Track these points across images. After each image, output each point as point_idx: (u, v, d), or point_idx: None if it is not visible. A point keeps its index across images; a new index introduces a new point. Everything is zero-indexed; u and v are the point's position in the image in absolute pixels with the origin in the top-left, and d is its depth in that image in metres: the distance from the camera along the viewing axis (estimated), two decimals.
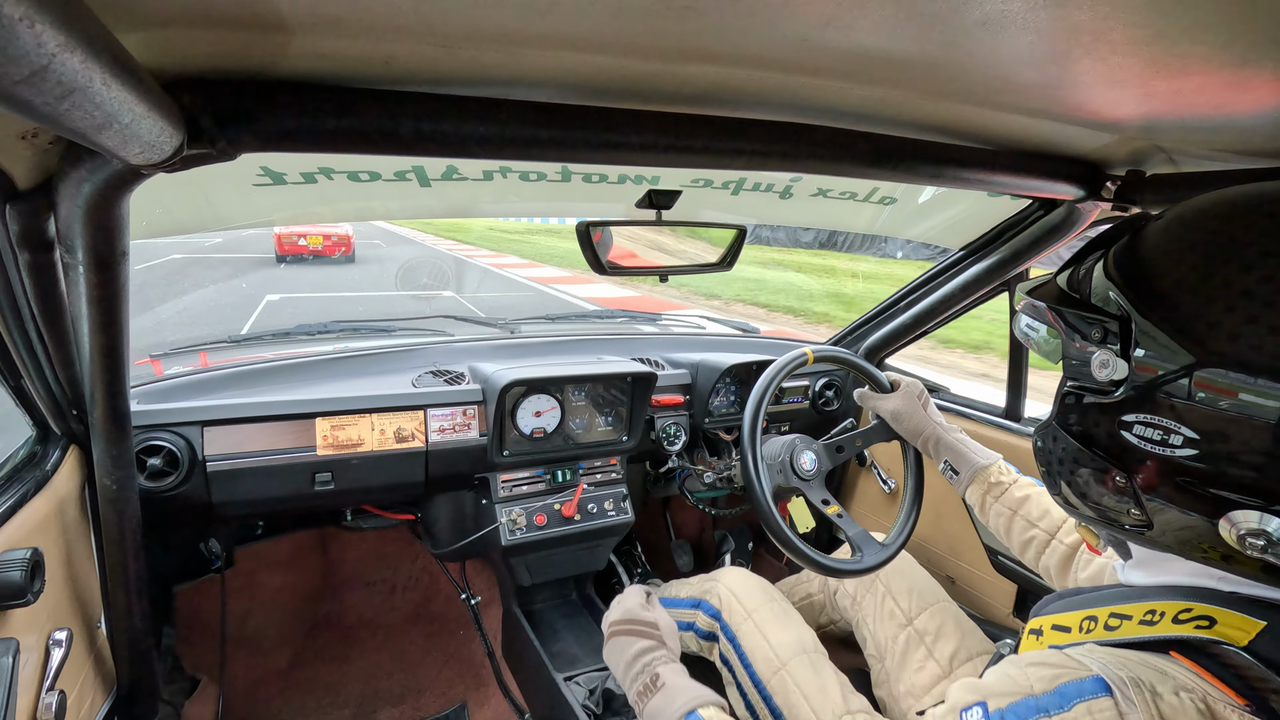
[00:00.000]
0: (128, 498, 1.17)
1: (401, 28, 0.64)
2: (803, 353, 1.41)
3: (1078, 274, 0.77)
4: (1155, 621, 0.67)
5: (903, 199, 1.67)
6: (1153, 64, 0.69)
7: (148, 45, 0.62)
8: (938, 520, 1.93)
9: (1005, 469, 1.29)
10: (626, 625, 1.15)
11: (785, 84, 0.84)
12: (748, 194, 1.54)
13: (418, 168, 1.26)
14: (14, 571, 0.90)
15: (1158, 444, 0.63)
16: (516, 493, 1.86)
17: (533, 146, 0.83)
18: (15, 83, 0.37)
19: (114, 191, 0.74)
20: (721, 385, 2.09)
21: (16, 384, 1.08)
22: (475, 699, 2.10)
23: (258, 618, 2.17)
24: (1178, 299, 0.63)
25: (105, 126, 0.49)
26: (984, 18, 0.60)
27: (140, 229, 1.14)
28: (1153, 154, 1.14)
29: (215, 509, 1.57)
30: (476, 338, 2.15)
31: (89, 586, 1.24)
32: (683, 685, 1.03)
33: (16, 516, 1.00)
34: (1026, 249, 1.60)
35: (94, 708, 1.22)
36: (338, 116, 0.74)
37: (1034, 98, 0.87)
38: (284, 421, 1.59)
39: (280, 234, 14.08)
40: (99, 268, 0.85)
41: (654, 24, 0.65)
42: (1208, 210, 0.66)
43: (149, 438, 1.47)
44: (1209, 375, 0.59)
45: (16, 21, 0.33)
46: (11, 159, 0.76)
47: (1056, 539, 1.17)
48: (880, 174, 1.06)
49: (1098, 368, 0.68)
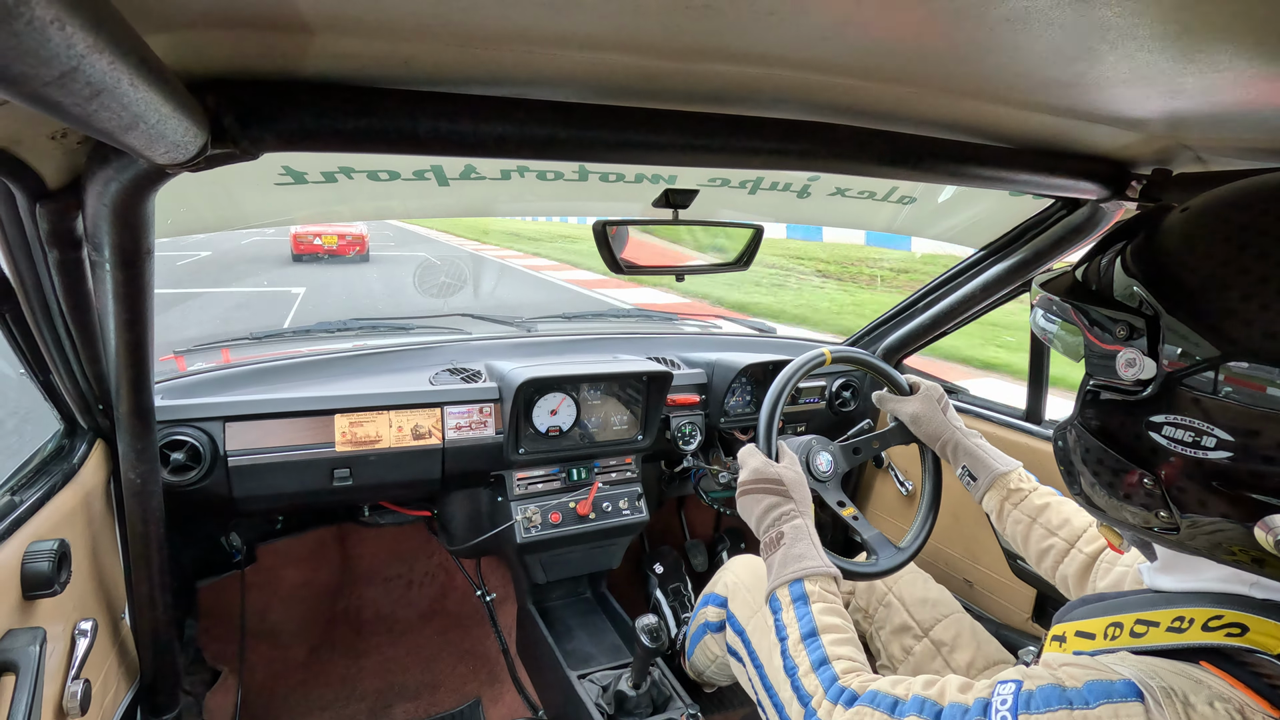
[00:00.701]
0: (152, 491, 1.19)
1: (421, 28, 0.65)
2: (820, 353, 1.40)
3: (1096, 267, 0.75)
4: (1184, 629, 0.65)
5: (922, 198, 1.65)
6: (1180, 60, 0.68)
7: (173, 47, 0.63)
8: (956, 524, 1.91)
9: (1025, 476, 1.27)
10: (753, 484, 1.17)
11: (803, 82, 0.84)
12: (765, 193, 1.54)
13: (436, 167, 1.26)
14: (42, 562, 0.92)
15: (1189, 445, 0.62)
16: (532, 490, 1.87)
17: (550, 146, 0.84)
18: (46, 84, 0.38)
19: (140, 190, 0.76)
20: (737, 385, 2.08)
21: (45, 379, 1.10)
22: (489, 695, 2.12)
23: (277, 612, 2.20)
24: (1206, 293, 0.61)
25: (132, 127, 0.50)
26: (1008, 14, 0.59)
27: (165, 227, 1.16)
28: (1180, 152, 1.12)
29: (236, 503, 1.59)
30: (493, 336, 2.17)
31: (114, 578, 1.26)
32: (798, 552, 1.06)
33: (44, 509, 1.02)
34: (1048, 249, 1.58)
35: (118, 697, 1.25)
36: (357, 116, 0.75)
37: (1057, 95, 0.86)
38: (303, 418, 1.61)
39: (296, 233, 14.22)
40: (125, 265, 0.86)
41: (672, 23, 0.64)
42: (1232, 200, 0.64)
43: (172, 433, 1.49)
44: (1241, 370, 0.58)
45: (48, 24, 0.34)
46: (42, 159, 0.78)
47: (1076, 548, 1.15)
48: (899, 173, 1.05)
49: (1123, 366, 0.66)
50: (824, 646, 0.93)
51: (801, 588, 1.01)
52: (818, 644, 0.93)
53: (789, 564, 1.05)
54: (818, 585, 1.02)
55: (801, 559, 1.05)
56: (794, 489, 1.16)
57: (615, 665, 1.75)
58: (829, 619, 0.97)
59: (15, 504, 0.98)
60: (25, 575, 0.91)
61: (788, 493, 1.15)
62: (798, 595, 1.01)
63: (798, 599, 1.01)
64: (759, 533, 1.14)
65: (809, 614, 0.98)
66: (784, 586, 1.03)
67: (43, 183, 0.81)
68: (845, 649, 0.93)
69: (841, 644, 0.94)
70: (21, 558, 0.92)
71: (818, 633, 0.95)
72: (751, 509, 1.16)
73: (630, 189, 1.43)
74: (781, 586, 1.03)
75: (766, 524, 1.12)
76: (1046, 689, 0.65)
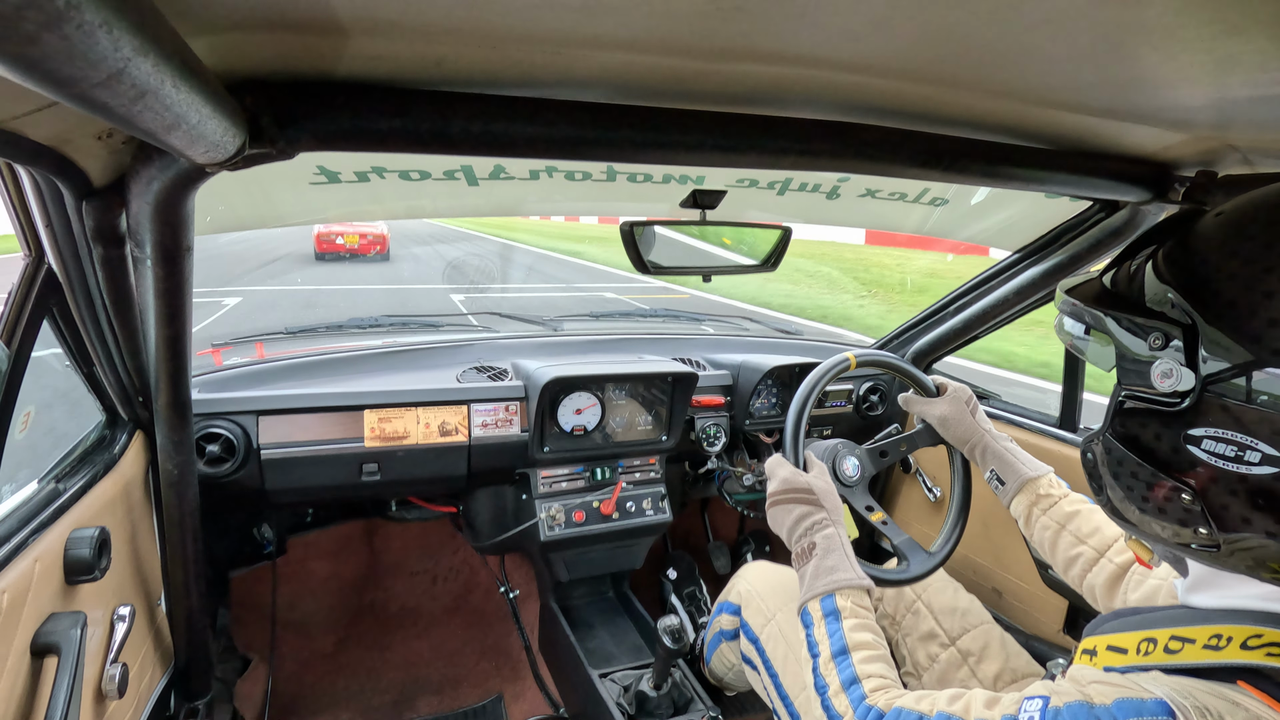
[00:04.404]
0: (188, 482, 1.23)
1: (453, 30, 0.65)
2: (845, 358, 1.39)
3: (1126, 273, 0.72)
4: (1221, 647, 0.63)
5: (955, 200, 1.62)
6: (1227, 60, 0.66)
7: (214, 49, 0.64)
8: (985, 530, 1.88)
9: (1055, 482, 1.24)
10: (783, 494, 1.16)
11: (834, 83, 0.83)
12: (794, 194, 1.52)
13: (466, 167, 1.28)
14: (84, 549, 0.95)
15: (1231, 460, 0.59)
16: (556, 489, 1.88)
17: (579, 146, 0.84)
18: (94, 85, 0.39)
19: (181, 189, 0.78)
20: (763, 387, 2.07)
21: (89, 371, 1.13)
22: (511, 691, 2.13)
23: (306, 603, 2.24)
24: (1248, 301, 0.58)
25: (174, 127, 0.51)
26: (1046, 15, 0.58)
27: (204, 225, 1.19)
28: (1226, 154, 1.08)
29: (268, 495, 1.63)
30: (520, 335, 2.18)
31: (151, 566, 1.30)
32: (830, 564, 1.05)
33: (86, 497, 1.05)
34: (1085, 253, 1.54)
35: (153, 681, 1.28)
36: (390, 117, 0.76)
37: (1097, 96, 0.84)
38: (334, 413, 1.64)
39: (319, 233, 14.44)
40: (165, 261, 0.89)
41: (702, 24, 0.64)
42: (1275, 202, 0.62)
43: (208, 425, 1.53)
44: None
45: (96, 27, 0.35)
46: (88, 158, 0.80)
47: (1106, 558, 1.12)
48: (932, 174, 1.03)
49: (1159, 377, 0.63)
50: (854, 665, 0.92)
51: (833, 602, 1.00)
52: (848, 662, 0.92)
53: (821, 576, 1.04)
54: (849, 600, 1.01)
55: (834, 571, 1.04)
56: (824, 498, 1.15)
57: (637, 665, 1.75)
58: (860, 635, 0.96)
59: (59, 491, 1.01)
60: (68, 561, 0.94)
61: (818, 501, 1.13)
62: (829, 610, 1.00)
63: (829, 614, 1.00)
64: (790, 543, 1.13)
65: (840, 631, 0.97)
66: (815, 601, 1.02)
67: (89, 181, 0.84)
68: (875, 666, 0.92)
69: (871, 661, 0.93)
70: (65, 544, 0.95)
71: (848, 650, 0.94)
72: (782, 520, 1.15)
73: (658, 189, 1.43)
74: (813, 600, 1.02)
75: (798, 534, 1.11)
76: (1074, 706, 0.63)
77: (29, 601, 0.86)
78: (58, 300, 1.00)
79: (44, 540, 0.91)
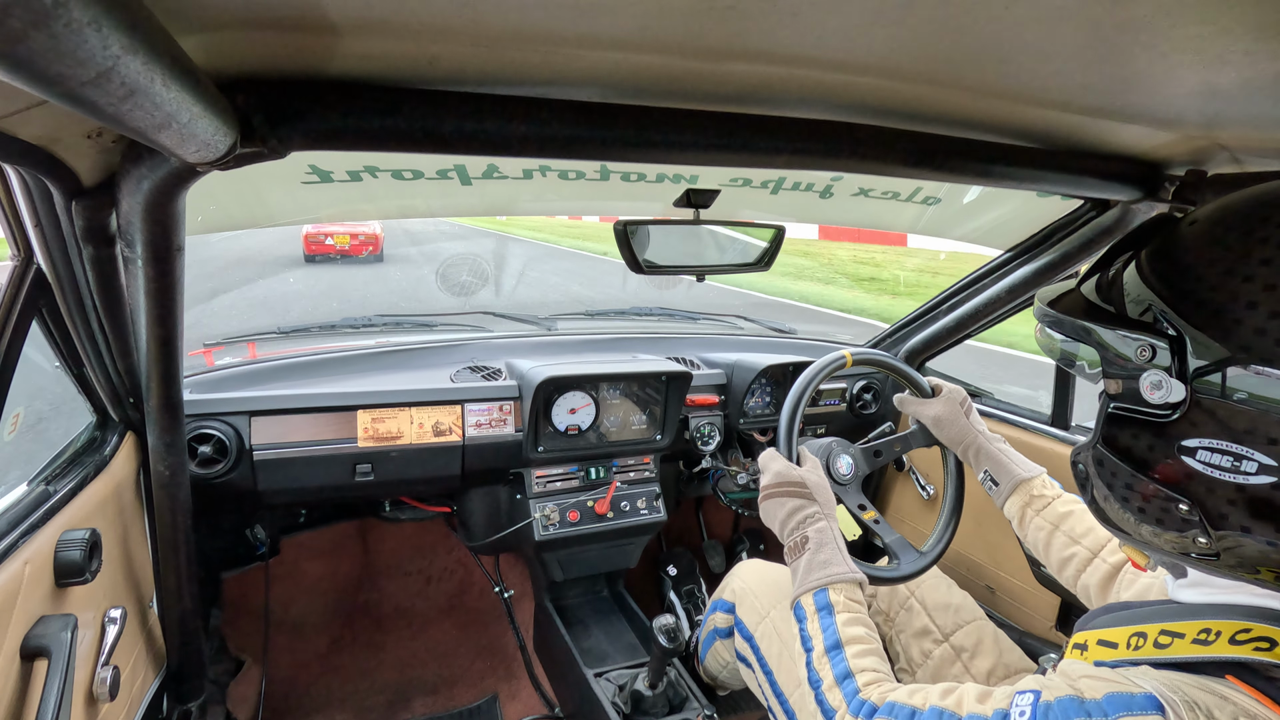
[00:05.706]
0: (180, 483, 1.22)
1: (446, 29, 0.65)
2: (841, 356, 1.39)
3: (1105, 282, 0.71)
4: (1210, 641, 0.63)
5: (947, 199, 1.63)
6: (1218, 60, 0.66)
7: (204, 47, 0.64)
8: (978, 529, 1.88)
9: (1048, 483, 1.25)
10: (776, 488, 1.17)
11: (826, 82, 0.83)
12: (787, 193, 1.53)
13: (459, 166, 1.27)
14: (74, 551, 0.94)
15: (1228, 470, 0.58)
16: (550, 489, 1.88)
17: (573, 145, 0.84)
18: (83, 84, 0.39)
19: (171, 188, 0.77)
20: (757, 386, 2.07)
21: (79, 372, 1.13)
22: (506, 691, 2.13)
23: (300, 604, 2.23)
24: (1235, 310, 0.58)
25: (164, 126, 0.51)
26: (1037, 15, 0.58)
27: (195, 225, 1.18)
28: (1215, 153, 1.09)
29: (261, 496, 1.62)
30: (514, 334, 2.18)
31: (142, 568, 1.29)
32: (823, 558, 1.05)
33: (77, 499, 1.05)
34: (1077, 251, 1.55)
35: (145, 683, 1.27)
36: (383, 116, 0.76)
37: (1088, 95, 0.84)
38: (327, 413, 1.63)
39: (308, 233, 13.85)
40: (156, 261, 0.88)
41: (696, 24, 0.64)
42: (1263, 201, 0.61)
43: (200, 426, 1.52)
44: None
45: (85, 25, 0.35)
46: (78, 157, 0.80)
47: (1099, 558, 1.12)
48: (925, 173, 1.03)
49: (1149, 389, 0.62)
50: (848, 659, 0.92)
51: (826, 597, 1.01)
52: (841, 657, 0.93)
53: (814, 570, 1.04)
54: (842, 594, 1.01)
55: (827, 565, 1.04)
56: (817, 492, 1.15)
57: (632, 664, 1.75)
58: (853, 630, 0.97)
59: (49, 494, 1.01)
60: (58, 563, 0.94)
61: (811, 495, 1.14)
62: (822, 605, 1.00)
63: (822, 609, 1.00)
64: (783, 537, 1.13)
65: (833, 625, 0.97)
66: (809, 595, 1.02)
67: (78, 180, 0.83)
68: (868, 660, 0.93)
69: (864, 655, 0.93)
70: (55, 546, 0.94)
71: (842, 645, 0.94)
72: (775, 513, 1.15)
73: (652, 188, 1.43)
74: (806, 595, 1.03)
75: (790, 528, 1.12)
76: (1065, 700, 0.64)
77: (19, 604, 0.85)
78: (47, 301, 1.00)
79: (34, 542, 0.91)
